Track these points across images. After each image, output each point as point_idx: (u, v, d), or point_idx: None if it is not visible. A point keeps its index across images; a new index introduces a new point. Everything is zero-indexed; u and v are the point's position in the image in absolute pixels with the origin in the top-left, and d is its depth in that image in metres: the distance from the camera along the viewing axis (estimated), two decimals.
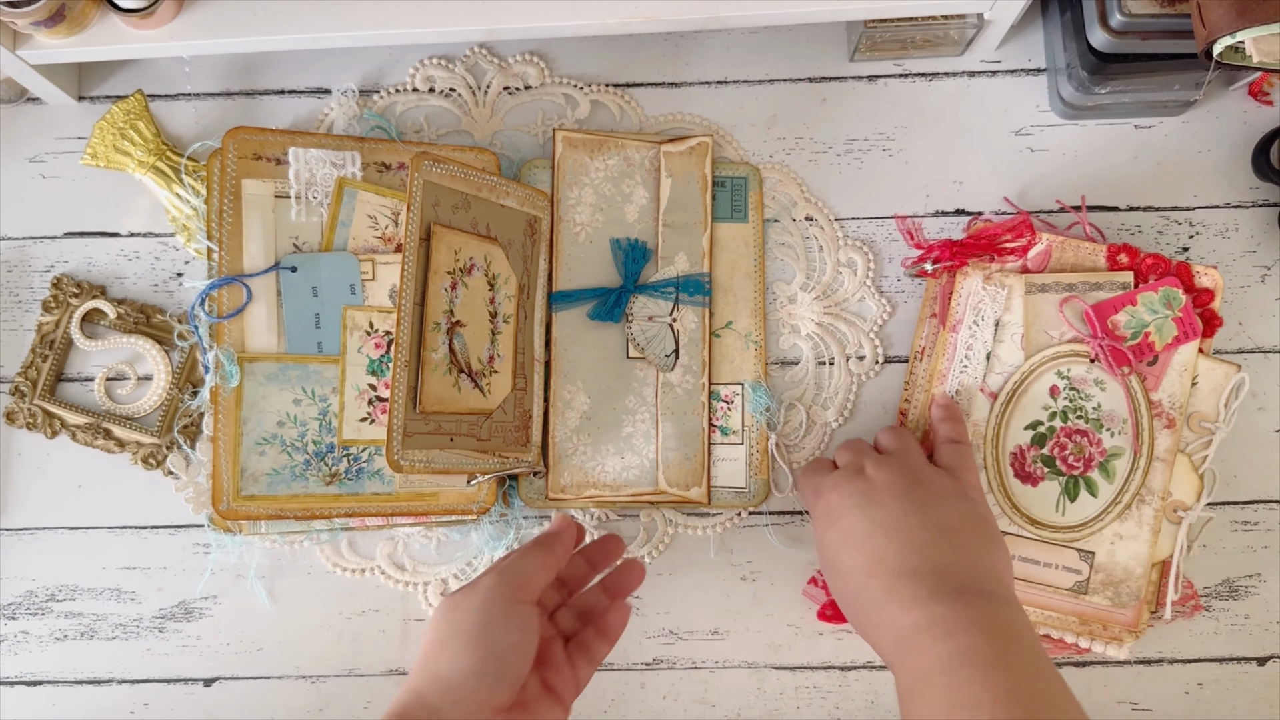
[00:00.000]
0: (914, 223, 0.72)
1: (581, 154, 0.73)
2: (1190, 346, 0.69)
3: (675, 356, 0.71)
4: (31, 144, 0.76)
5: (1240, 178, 0.75)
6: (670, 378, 0.71)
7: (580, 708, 0.71)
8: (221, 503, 0.66)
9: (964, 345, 0.70)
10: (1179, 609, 0.69)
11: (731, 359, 0.72)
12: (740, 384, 0.72)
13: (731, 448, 0.71)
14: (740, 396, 0.72)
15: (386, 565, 0.72)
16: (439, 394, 0.63)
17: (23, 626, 0.72)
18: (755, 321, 0.72)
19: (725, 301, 0.72)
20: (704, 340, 0.71)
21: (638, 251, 0.72)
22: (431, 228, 0.64)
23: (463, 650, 0.54)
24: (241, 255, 0.68)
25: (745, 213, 0.73)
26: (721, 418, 0.71)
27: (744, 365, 0.72)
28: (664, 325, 0.71)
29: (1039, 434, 0.69)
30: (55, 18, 0.66)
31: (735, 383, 0.72)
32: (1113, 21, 0.67)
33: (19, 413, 0.72)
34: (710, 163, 0.73)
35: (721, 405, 0.72)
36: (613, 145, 0.73)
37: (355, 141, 0.71)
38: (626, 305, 0.71)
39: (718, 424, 0.71)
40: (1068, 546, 0.68)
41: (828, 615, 0.70)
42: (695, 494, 0.70)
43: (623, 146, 0.73)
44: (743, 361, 0.72)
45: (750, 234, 0.73)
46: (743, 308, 0.72)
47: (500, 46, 0.77)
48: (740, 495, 0.71)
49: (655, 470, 0.70)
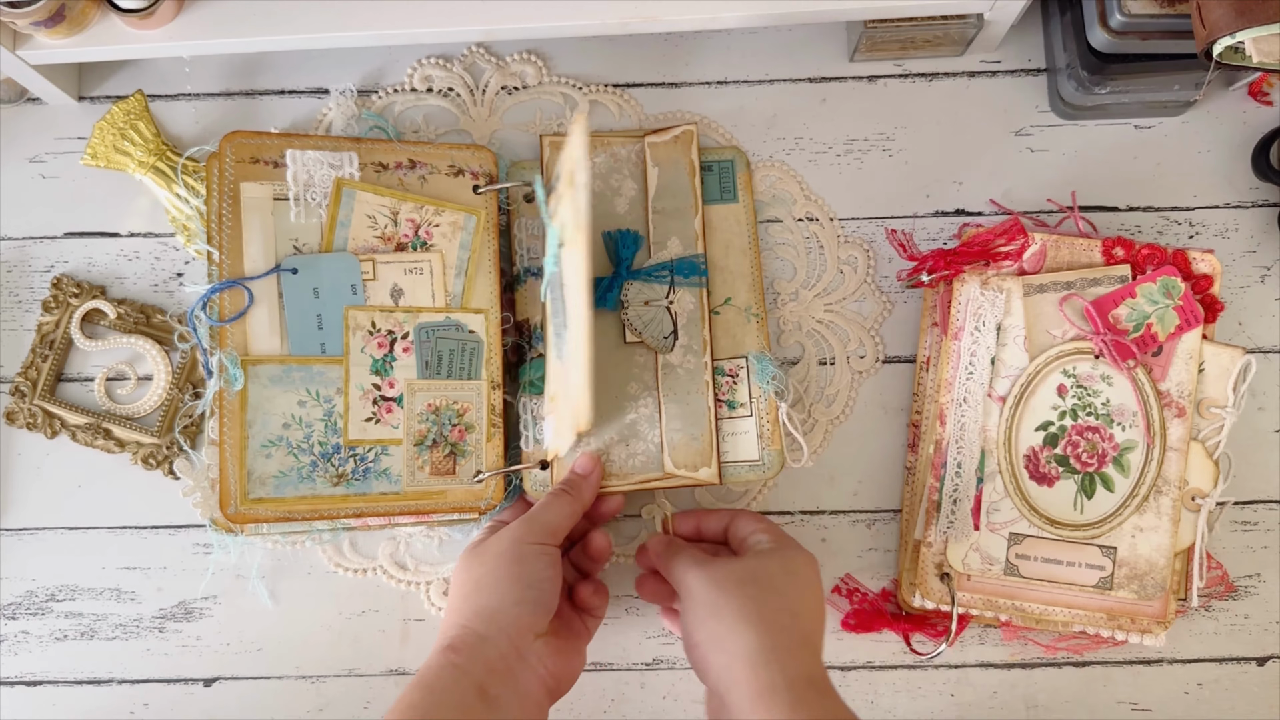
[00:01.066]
0: (905, 234, 0.72)
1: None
2: (1194, 334, 0.69)
3: (674, 337, 0.70)
4: (31, 144, 0.76)
5: (1240, 178, 0.75)
6: (671, 359, 0.70)
7: (580, 707, 0.71)
8: (230, 506, 0.66)
9: (967, 352, 0.70)
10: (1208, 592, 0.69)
11: (733, 334, 0.71)
12: (744, 357, 0.71)
13: (741, 421, 0.70)
14: (745, 370, 0.70)
15: (389, 565, 0.72)
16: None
17: (23, 626, 0.72)
18: (754, 295, 0.72)
19: (722, 279, 0.72)
20: (703, 319, 0.71)
21: (628, 239, 0.71)
22: None
23: (503, 584, 0.60)
24: (242, 258, 0.68)
25: (735, 193, 0.73)
26: (728, 392, 0.70)
27: (746, 338, 0.71)
28: (660, 308, 0.70)
29: (1050, 434, 0.69)
30: (55, 18, 0.66)
31: (739, 356, 0.71)
32: (1113, 21, 0.67)
33: (19, 413, 0.72)
34: (696, 149, 0.73)
35: (726, 380, 0.70)
36: (599, 144, 0.73)
37: (352, 142, 0.71)
38: (620, 291, 0.70)
39: (724, 399, 0.70)
40: (1089, 544, 0.68)
41: (851, 625, 0.70)
42: (705, 474, 0.69)
43: (609, 144, 0.73)
44: (744, 335, 0.71)
45: (742, 213, 0.73)
46: (740, 283, 0.72)
47: (498, 46, 0.77)
48: (755, 468, 0.69)
49: (661, 454, 0.69)
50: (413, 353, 0.69)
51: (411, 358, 0.69)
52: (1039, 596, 0.69)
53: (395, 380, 0.69)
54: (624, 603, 0.72)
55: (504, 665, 0.57)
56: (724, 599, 0.57)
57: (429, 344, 0.69)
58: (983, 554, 0.68)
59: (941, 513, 0.69)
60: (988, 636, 0.71)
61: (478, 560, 0.62)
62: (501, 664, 0.57)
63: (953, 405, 0.69)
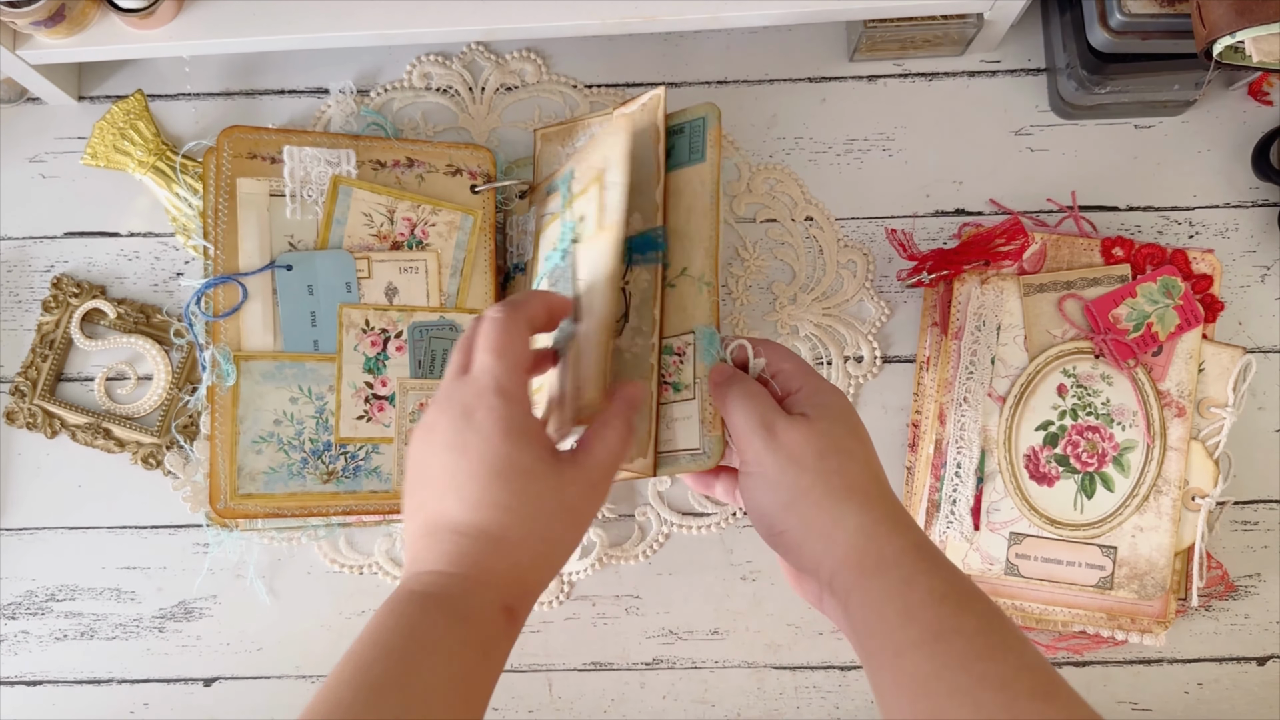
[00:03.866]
0: (905, 233, 0.72)
1: (555, 145, 0.71)
2: (1194, 333, 0.69)
3: (625, 321, 0.64)
4: (31, 144, 0.76)
5: (1240, 178, 0.75)
6: (619, 343, 0.64)
7: (580, 707, 0.71)
8: (219, 501, 0.66)
9: (968, 351, 0.70)
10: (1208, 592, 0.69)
11: (685, 307, 0.63)
12: (692, 332, 0.62)
13: (684, 404, 0.62)
14: (692, 347, 0.62)
15: (385, 562, 0.72)
16: None
17: (23, 626, 0.72)
18: (708, 262, 0.63)
19: (680, 248, 0.64)
20: (655, 297, 0.63)
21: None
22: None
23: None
24: (237, 254, 0.68)
25: (703, 152, 0.65)
26: (674, 373, 0.62)
27: (696, 311, 0.62)
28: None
29: (1050, 434, 0.69)
30: (55, 18, 0.66)
31: (687, 332, 0.62)
32: (1113, 21, 0.67)
33: (19, 413, 0.72)
34: (663, 113, 0.65)
35: (674, 359, 0.63)
36: (580, 128, 0.71)
37: (350, 139, 0.71)
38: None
39: (670, 381, 0.63)
40: (1089, 543, 0.68)
41: None
42: (639, 465, 0.62)
43: (588, 126, 0.70)
44: (695, 308, 0.62)
45: (707, 172, 0.64)
46: (696, 249, 0.63)
47: (498, 44, 0.77)
48: (696, 458, 0.61)
49: None
50: (406, 351, 0.69)
51: (404, 356, 0.69)
52: (1039, 596, 0.69)
53: (388, 379, 0.69)
54: (624, 602, 0.72)
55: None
56: (807, 478, 0.52)
57: (422, 343, 0.69)
58: (983, 554, 0.68)
59: (941, 513, 0.69)
60: None
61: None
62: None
63: (953, 405, 0.69)
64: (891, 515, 0.52)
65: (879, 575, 0.50)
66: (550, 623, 0.72)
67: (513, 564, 0.49)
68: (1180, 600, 0.69)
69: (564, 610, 0.72)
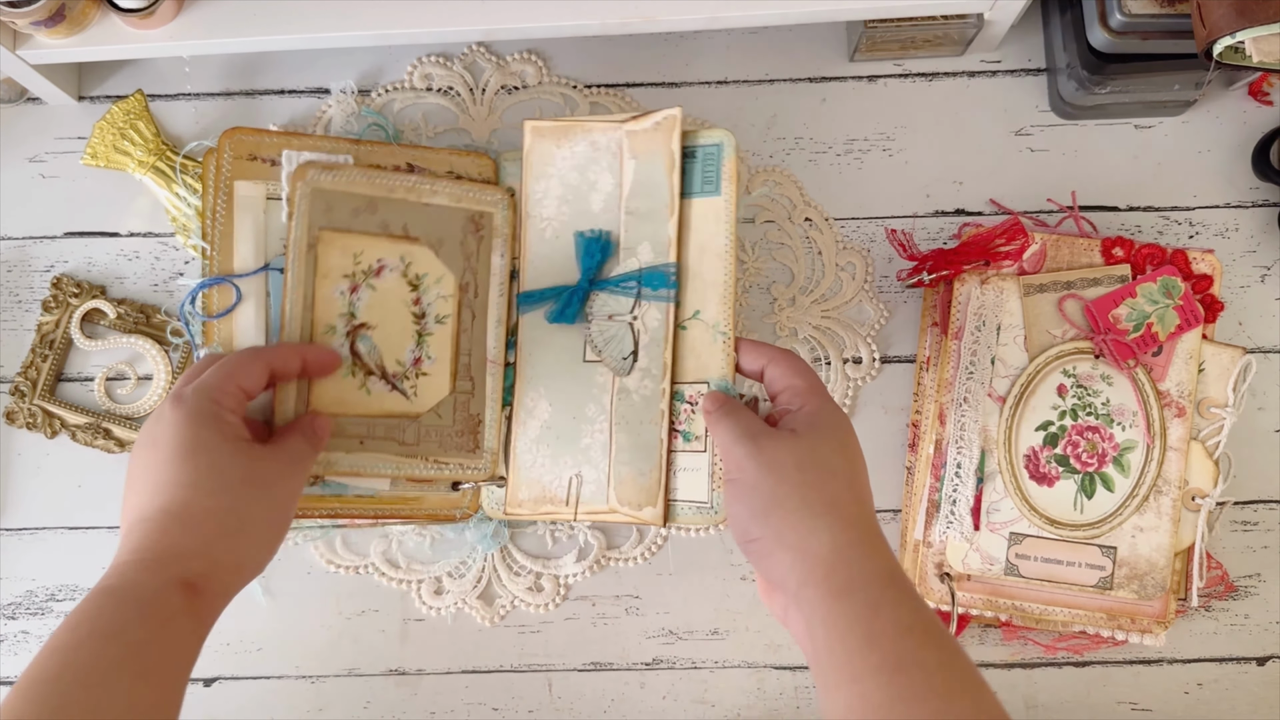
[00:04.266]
0: (905, 234, 0.72)
1: (549, 143, 0.67)
2: (1194, 334, 0.69)
3: (634, 359, 0.63)
4: (31, 144, 0.76)
5: (1240, 178, 0.75)
6: (627, 383, 0.63)
7: (580, 707, 0.71)
8: None
9: (968, 351, 0.70)
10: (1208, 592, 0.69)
11: (698, 354, 0.63)
12: (706, 383, 0.62)
13: (694, 455, 0.62)
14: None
15: (380, 563, 0.72)
16: (337, 395, 0.64)
17: (23, 626, 0.72)
18: (724, 309, 0.62)
19: (694, 288, 0.63)
20: (667, 339, 0.63)
21: (595, 245, 0.65)
22: (319, 234, 0.65)
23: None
24: (232, 256, 0.68)
25: (717, 184, 0.63)
26: (685, 422, 0.63)
27: (711, 361, 0.62)
28: (624, 324, 0.64)
29: (1050, 434, 0.69)
30: (55, 18, 0.66)
31: (701, 381, 0.63)
32: (1113, 21, 0.67)
33: (19, 413, 0.72)
34: (678, 138, 0.64)
35: (685, 408, 0.63)
36: (579, 131, 0.67)
37: (350, 143, 0.70)
38: (586, 304, 0.65)
39: (680, 429, 0.63)
40: (1089, 544, 0.68)
41: None
42: (649, 514, 0.62)
43: (589, 131, 0.66)
44: (709, 356, 0.62)
45: (722, 208, 0.63)
46: (711, 294, 0.63)
47: (498, 45, 0.77)
48: (702, 511, 0.62)
49: (608, 487, 0.63)
50: None
51: None
52: (1039, 596, 0.69)
53: None
54: (624, 602, 0.72)
55: None
56: (784, 488, 0.52)
57: None
58: (983, 554, 0.68)
59: (941, 513, 0.69)
60: (988, 636, 0.71)
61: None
62: None
63: (953, 405, 0.69)
64: (867, 537, 0.52)
65: (846, 597, 0.50)
66: (550, 623, 0.72)
67: (198, 539, 0.52)
68: (1180, 600, 0.69)
69: (564, 610, 0.72)
